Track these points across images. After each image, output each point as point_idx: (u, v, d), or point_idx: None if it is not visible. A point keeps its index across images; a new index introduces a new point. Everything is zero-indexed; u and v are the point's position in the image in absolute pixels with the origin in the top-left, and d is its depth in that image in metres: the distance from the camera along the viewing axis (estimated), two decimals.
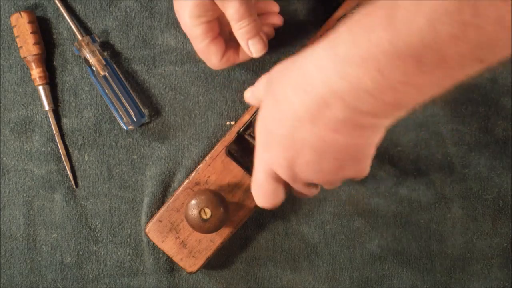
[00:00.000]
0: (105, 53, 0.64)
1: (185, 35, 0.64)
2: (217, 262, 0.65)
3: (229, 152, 0.62)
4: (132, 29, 0.65)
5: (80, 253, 0.65)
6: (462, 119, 0.66)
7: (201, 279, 0.65)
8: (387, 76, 0.37)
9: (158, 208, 0.64)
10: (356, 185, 0.65)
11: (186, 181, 0.62)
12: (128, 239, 0.65)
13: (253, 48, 0.56)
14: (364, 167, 0.48)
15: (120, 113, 0.63)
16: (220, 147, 0.62)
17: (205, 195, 0.57)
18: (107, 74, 0.63)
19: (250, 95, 0.57)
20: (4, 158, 0.65)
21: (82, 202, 0.65)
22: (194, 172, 0.62)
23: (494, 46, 0.35)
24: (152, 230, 0.62)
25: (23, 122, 0.65)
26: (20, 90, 0.65)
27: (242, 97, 0.65)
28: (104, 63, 0.63)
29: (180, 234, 0.61)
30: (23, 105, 0.65)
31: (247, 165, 0.61)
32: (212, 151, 0.62)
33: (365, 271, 0.65)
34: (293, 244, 0.65)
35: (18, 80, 0.65)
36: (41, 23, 0.64)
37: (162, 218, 0.62)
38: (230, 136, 0.62)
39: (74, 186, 0.65)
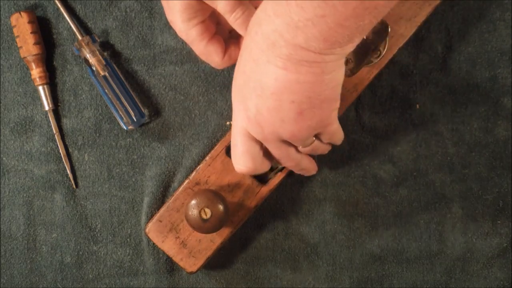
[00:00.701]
0: (105, 53, 0.64)
1: None
2: (217, 262, 0.65)
3: (229, 152, 0.62)
4: (132, 29, 0.65)
5: (80, 253, 0.65)
6: (462, 119, 0.66)
7: (201, 279, 0.65)
8: (306, 9, 0.43)
9: (158, 208, 0.64)
10: (356, 185, 0.65)
11: (186, 181, 0.62)
12: (128, 239, 0.65)
13: None
14: (327, 116, 0.51)
15: (120, 113, 0.63)
16: (220, 147, 0.61)
17: (205, 195, 0.57)
18: (107, 74, 0.63)
19: None
20: (4, 158, 0.65)
21: (82, 202, 0.65)
22: (194, 172, 0.62)
23: None
24: (152, 230, 0.61)
25: (23, 122, 0.65)
26: (20, 90, 0.65)
27: None
28: (104, 63, 0.63)
29: (180, 234, 0.61)
30: (23, 105, 0.65)
31: None
32: (212, 151, 0.62)
33: (365, 271, 0.65)
34: (293, 244, 0.65)
35: (18, 80, 0.65)
36: (41, 23, 0.64)
37: (162, 218, 0.61)
38: (230, 136, 0.61)
39: (74, 186, 0.65)
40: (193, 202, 0.57)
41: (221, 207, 0.57)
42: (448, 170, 0.66)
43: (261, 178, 0.62)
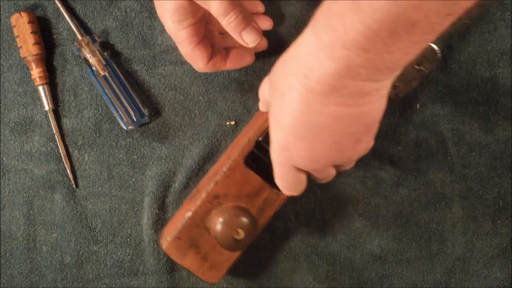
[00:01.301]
0: (105, 53, 0.64)
1: None
2: None
3: (247, 162, 0.59)
4: (132, 29, 0.65)
5: (80, 253, 0.65)
6: (462, 119, 0.66)
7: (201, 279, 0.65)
8: (370, 50, 0.40)
9: (159, 208, 0.64)
10: (356, 185, 0.65)
11: (204, 194, 0.59)
12: (128, 239, 0.65)
13: (247, 38, 0.54)
14: (373, 136, 0.51)
15: (120, 113, 0.63)
16: (238, 157, 0.59)
17: (235, 213, 0.55)
18: (107, 74, 0.63)
19: (261, 104, 0.58)
20: (4, 158, 0.65)
21: (82, 202, 0.65)
22: (212, 184, 0.59)
23: None
24: (172, 248, 0.59)
25: (23, 122, 0.65)
26: (20, 90, 0.65)
27: (242, 97, 0.65)
28: (104, 63, 0.63)
29: (200, 249, 0.59)
30: (23, 105, 0.65)
31: (263, 170, 0.58)
32: (231, 162, 0.59)
33: (365, 271, 0.65)
34: (293, 244, 0.65)
35: (18, 80, 0.65)
36: (41, 23, 0.64)
37: (181, 235, 0.59)
38: (248, 146, 0.59)
39: (74, 186, 0.65)
40: (222, 220, 0.55)
41: (252, 225, 0.55)
42: (448, 170, 0.66)
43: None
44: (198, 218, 0.59)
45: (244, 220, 0.55)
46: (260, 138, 0.59)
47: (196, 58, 0.57)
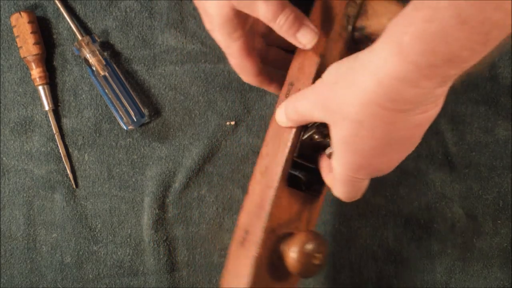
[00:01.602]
0: (105, 53, 0.64)
1: (185, 35, 0.65)
2: (217, 262, 0.65)
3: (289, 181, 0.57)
4: (132, 29, 0.65)
5: (80, 253, 0.65)
6: (462, 119, 0.66)
7: (201, 279, 0.65)
8: (469, 60, 0.40)
9: (159, 208, 0.64)
10: None
11: (260, 233, 0.54)
12: (128, 239, 0.65)
13: (303, 40, 0.51)
14: None
15: (120, 113, 0.63)
16: (281, 182, 0.55)
17: (307, 240, 0.52)
18: (107, 74, 0.63)
19: (285, 120, 0.54)
20: (4, 158, 0.65)
21: (82, 202, 0.65)
22: (266, 220, 0.54)
23: None
24: None
25: (23, 122, 0.65)
26: (20, 90, 0.65)
27: (242, 97, 0.65)
28: (104, 63, 0.63)
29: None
30: (23, 105, 0.65)
31: (295, 180, 0.56)
32: (277, 189, 0.55)
33: (365, 271, 0.65)
34: None
35: (18, 80, 0.65)
36: (41, 23, 0.64)
37: (255, 284, 0.54)
38: (286, 167, 0.55)
39: (74, 186, 0.65)
40: (296, 249, 0.52)
41: (324, 243, 0.53)
42: (449, 170, 0.66)
43: (314, 187, 0.58)
44: (262, 260, 0.55)
45: (316, 243, 0.52)
46: (295, 154, 0.56)
47: (244, 70, 0.56)
